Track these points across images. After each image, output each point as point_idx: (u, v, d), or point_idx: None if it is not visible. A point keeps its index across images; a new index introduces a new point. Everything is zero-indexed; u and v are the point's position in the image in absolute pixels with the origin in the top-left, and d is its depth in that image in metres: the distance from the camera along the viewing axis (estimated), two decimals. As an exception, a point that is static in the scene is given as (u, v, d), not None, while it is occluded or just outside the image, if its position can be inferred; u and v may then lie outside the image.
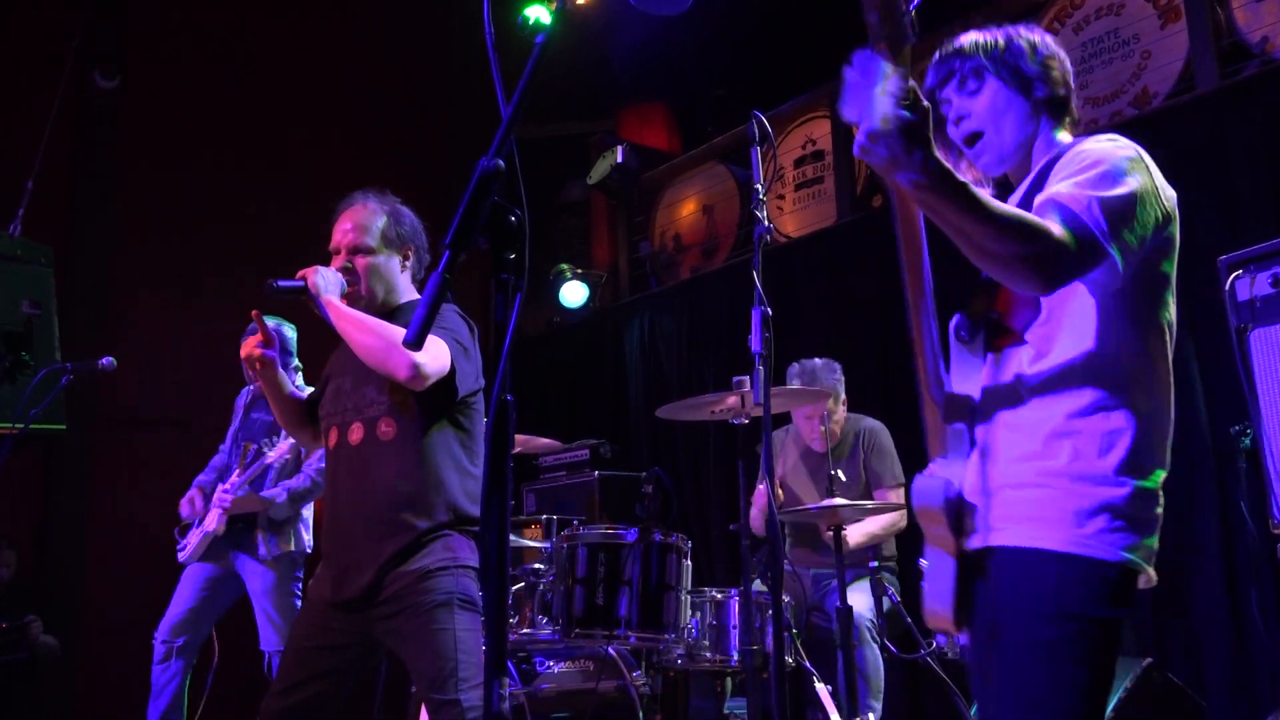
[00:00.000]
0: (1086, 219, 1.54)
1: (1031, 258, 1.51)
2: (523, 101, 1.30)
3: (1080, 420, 1.61)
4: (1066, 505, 1.58)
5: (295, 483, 4.30)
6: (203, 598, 4.27)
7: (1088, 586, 1.56)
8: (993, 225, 1.48)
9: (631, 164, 6.96)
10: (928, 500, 1.71)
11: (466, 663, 2.37)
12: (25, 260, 3.86)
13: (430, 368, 2.40)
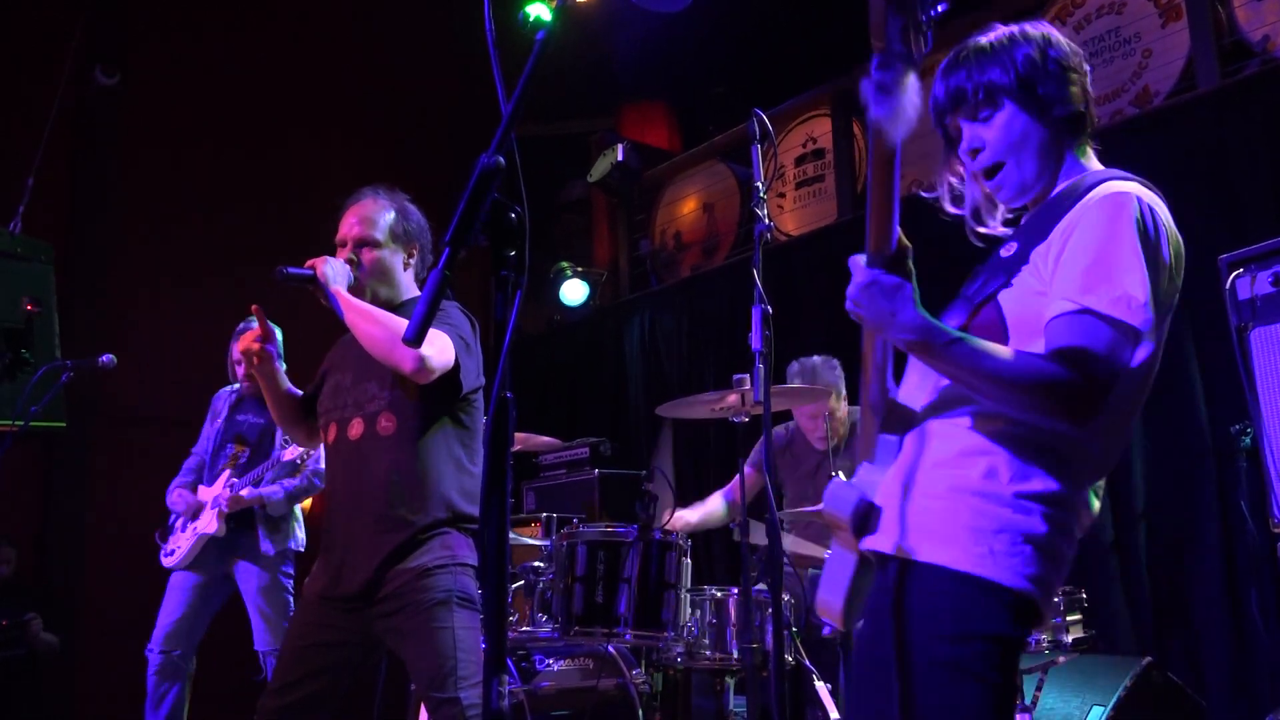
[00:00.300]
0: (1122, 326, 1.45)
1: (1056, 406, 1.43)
2: (523, 99, 1.30)
3: (1002, 441, 1.54)
4: (969, 523, 1.52)
5: (293, 481, 4.31)
6: (193, 605, 4.25)
7: (987, 608, 1.50)
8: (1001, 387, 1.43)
9: (632, 162, 6.96)
10: (837, 508, 1.69)
11: (466, 661, 2.36)
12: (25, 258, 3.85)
13: (435, 361, 2.40)
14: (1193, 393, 4.01)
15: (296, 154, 7.14)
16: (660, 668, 3.59)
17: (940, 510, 1.55)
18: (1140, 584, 4.10)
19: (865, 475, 1.71)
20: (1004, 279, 1.58)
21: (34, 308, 3.76)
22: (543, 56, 1.36)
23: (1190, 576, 3.99)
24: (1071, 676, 3.44)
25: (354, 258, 2.62)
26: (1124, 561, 4.15)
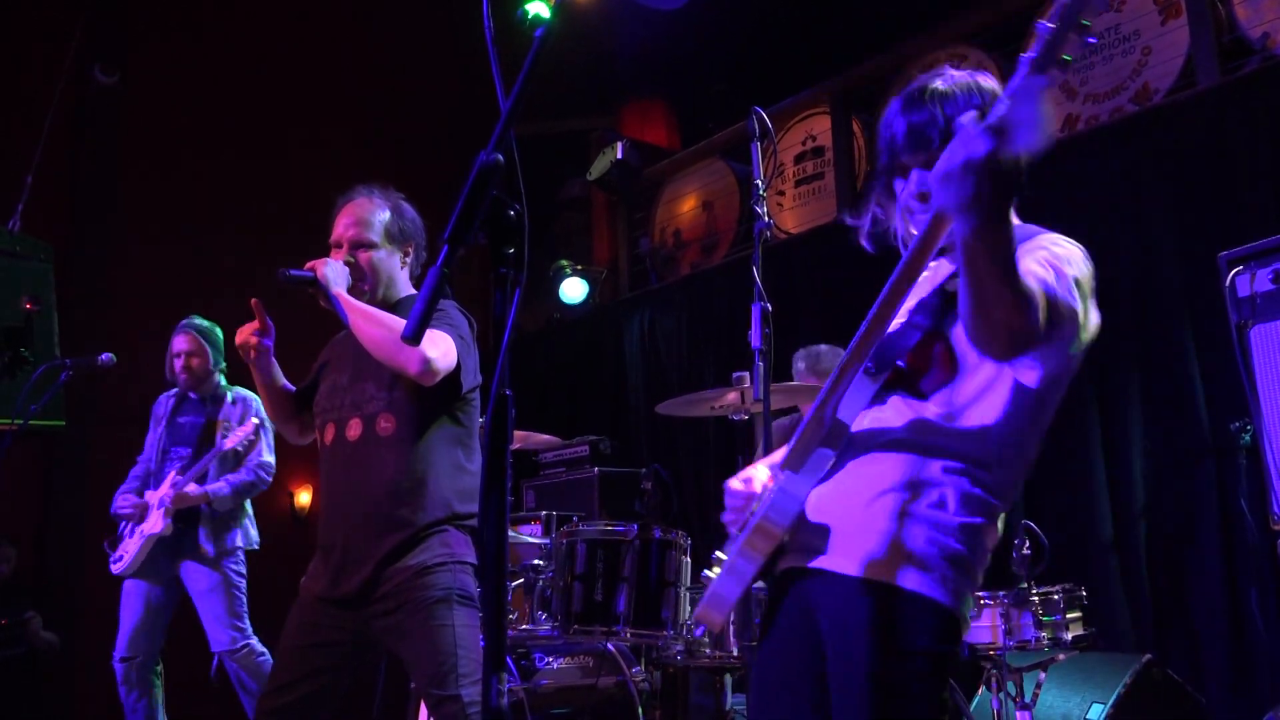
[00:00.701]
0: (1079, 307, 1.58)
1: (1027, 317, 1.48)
2: (522, 96, 1.29)
3: (952, 477, 1.65)
4: (922, 547, 1.62)
5: (238, 476, 4.27)
6: (148, 610, 4.24)
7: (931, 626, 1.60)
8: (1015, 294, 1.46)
9: (632, 160, 6.95)
10: (778, 519, 1.68)
11: (466, 658, 2.36)
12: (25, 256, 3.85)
13: (440, 363, 2.41)
14: (1192, 390, 4.01)
15: (296, 152, 7.14)
16: (660, 666, 3.60)
17: (892, 532, 1.63)
18: (1140, 581, 4.09)
19: (793, 486, 1.70)
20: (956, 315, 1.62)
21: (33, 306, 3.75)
22: (542, 54, 1.35)
23: (1190, 574, 3.99)
24: (1071, 674, 3.44)
25: (351, 259, 2.62)
26: (1124, 559, 4.15)
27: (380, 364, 2.51)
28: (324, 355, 2.81)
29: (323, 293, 2.50)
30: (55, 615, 5.65)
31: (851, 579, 1.63)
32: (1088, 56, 4.92)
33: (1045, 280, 1.57)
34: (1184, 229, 4.19)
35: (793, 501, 1.69)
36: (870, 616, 1.60)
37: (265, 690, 2.51)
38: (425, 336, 2.39)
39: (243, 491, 4.28)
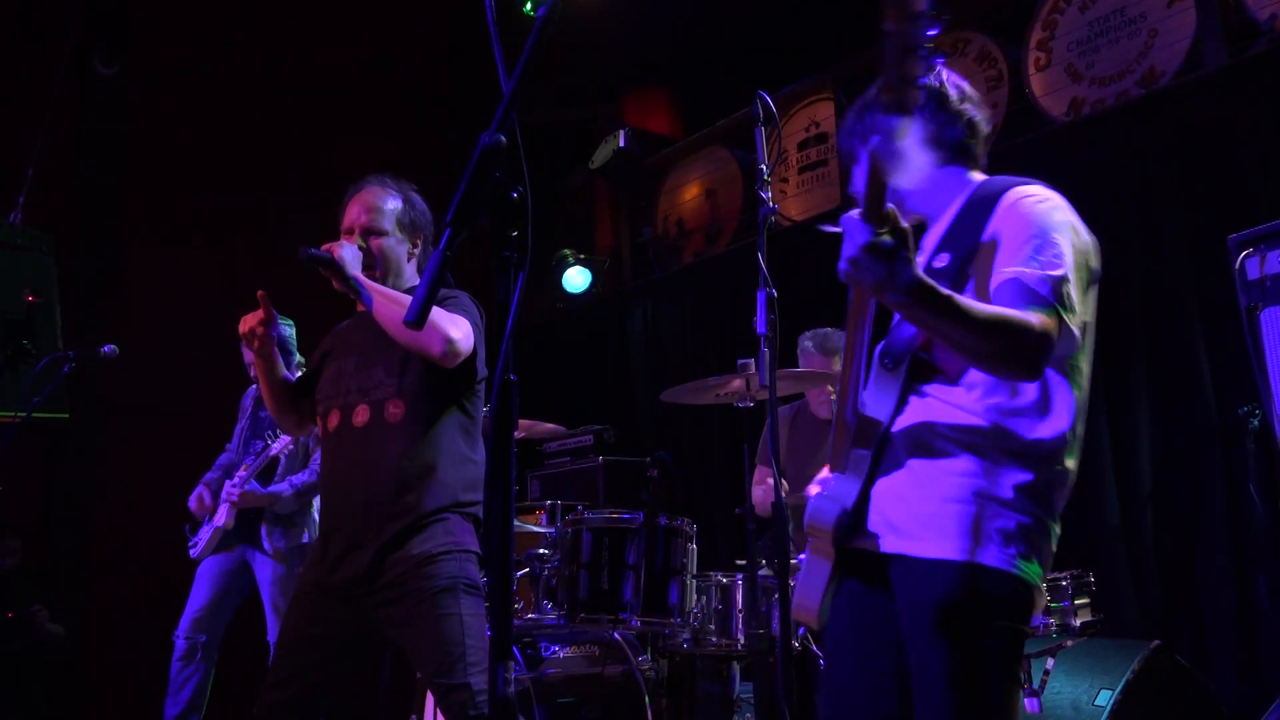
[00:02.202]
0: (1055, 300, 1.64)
1: (1013, 352, 1.61)
2: (524, 76, 1.28)
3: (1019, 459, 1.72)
4: (998, 526, 1.69)
5: (301, 477, 4.29)
6: (218, 591, 4.28)
7: (1008, 604, 1.69)
8: (978, 331, 1.58)
9: (634, 149, 6.92)
10: (822, 521, 1.81)
11: (474, 647, 2.36)
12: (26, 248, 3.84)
13: (462, 344, 2.43)
14: (1201, 374, 3.99)
15: (299, 139, 7.11)
16: (666, 654, 3.59)
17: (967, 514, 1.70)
18: (1148, 567, 4.08)
19: (837, 487, 1.83)
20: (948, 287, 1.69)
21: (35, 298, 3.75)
22: (544, 35, 1.33)
23: (1198, 560, 3.98)
24: (1079, 660, 3.43)
25: (363, 244, 2.61)
26: (1132, 545, 4.13)
27: (390, 350, 2.52)
28: (325, 344, 2.80)
29: (339, 274, 2.50)
30: (60, 608, 5.65)
31: (927, 560, 1.71)
32: (1093, 40, 4.89)
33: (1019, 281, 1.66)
34: (1192, 212, 4.16)
35: (832, 504, 1.80)
36: (947, 595, 1.68)
37: (267, 683, 2.50)
38: (446, 319, 2.44)
39: (306, 492, 4.28)
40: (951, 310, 1.56)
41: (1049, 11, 5.07)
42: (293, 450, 4.32)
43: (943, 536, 1.71)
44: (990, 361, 1.65)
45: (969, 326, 1.58)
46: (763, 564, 3.49)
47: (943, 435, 1.75)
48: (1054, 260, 1.68)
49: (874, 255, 1.51)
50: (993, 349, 1.62)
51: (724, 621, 3.36)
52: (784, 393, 3.93)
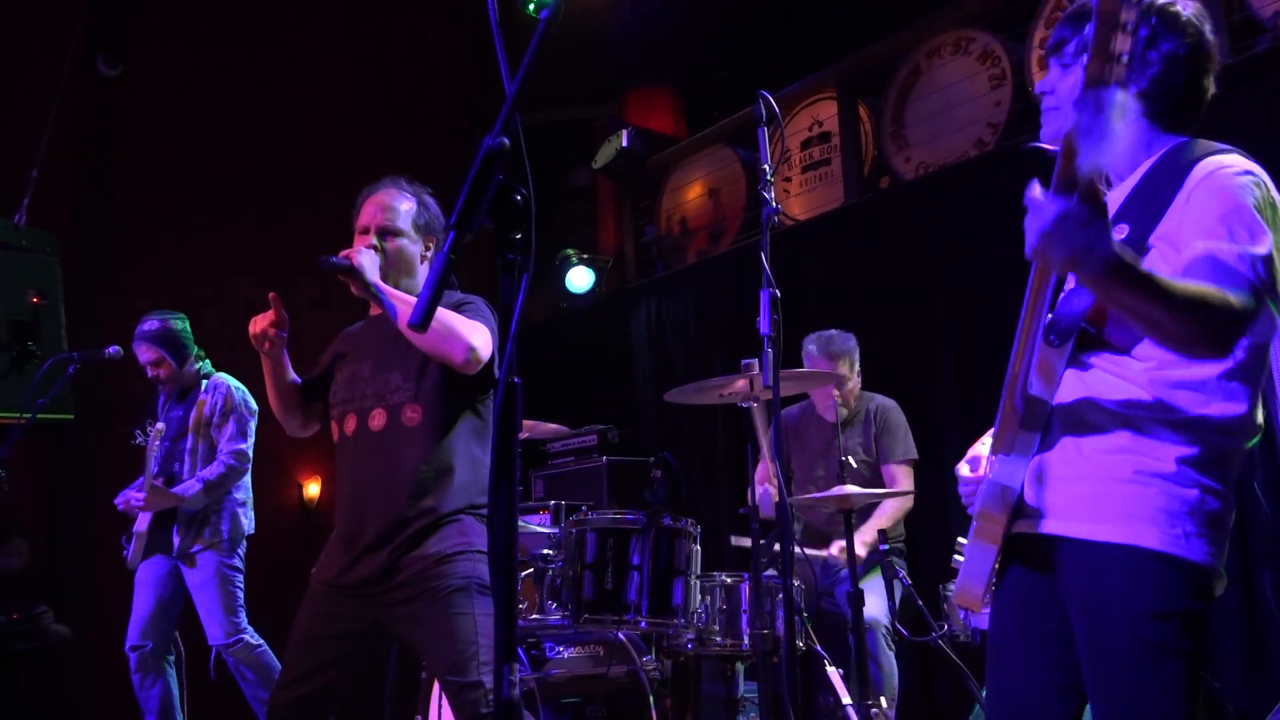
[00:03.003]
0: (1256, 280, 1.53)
1: (1210, 332, 1.51)
2: (527, 79, 1.28)
3: (1186, 432, 1.63)
4: (1163, 506, 1.61)
5: (210, 471, 4.23)
6: (157, 596, 4.23)
7: (1183, 585, 1.60)
8: (1176, 309, 1.48)
9: (637, 148, 6.92)
10: (994, 506, 1.75)
11: (487, 646, 2.37)
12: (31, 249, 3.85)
13: (483, 351, 2.46)
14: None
15: (301, 143, 7.13)
16: (671, 654, 3.59)
17: (1130, 495, 1.63)
18: (1152, 566, 4.07)
19: (1004, 469, 1.76)
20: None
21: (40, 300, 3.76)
22: (547, 37, 1.33)
23: (1203, 558, 3.97)
24: (1084, 659, 3.42)
25: (379, 244, 2.62)
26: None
27: (407, 355, 2.54)
28: (335, 347, 2.81)
29: (359, 280, 2.51)
30: (66, 609, 5.66)
31: (1094, 543, 1.64)
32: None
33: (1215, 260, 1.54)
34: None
35: (1007, 489, 1.74)
36: (1117, 579, 1.61)
37: (279, 683, 2.53)
38: (468, 327, 2.46)
39: (216, 485, 4.22)
40: (1151, 286, 1.46)
41: (1052, 9, 5.06)
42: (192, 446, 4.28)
43: (1102, 518, 1.64)
44: (1183, 341, 1.53)
45: (1168, 304, 1.47)
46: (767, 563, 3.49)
47: (1100, 409, 1.67)
48: (1253, 236, 1.56)
49: (1070, 226, 1.41)
50: (1189, 329, 1.50)
51: (728, 622, 3.36)
52: (788, 393, 3.93)
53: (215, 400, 4.35)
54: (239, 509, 4.34)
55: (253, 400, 4.40)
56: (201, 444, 4.31)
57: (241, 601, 4.27)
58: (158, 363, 4.35)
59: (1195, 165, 1.66)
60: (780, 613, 3.02)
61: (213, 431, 4.32)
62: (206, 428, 4.32)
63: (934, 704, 4.69)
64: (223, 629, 4.16)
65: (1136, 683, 1.60)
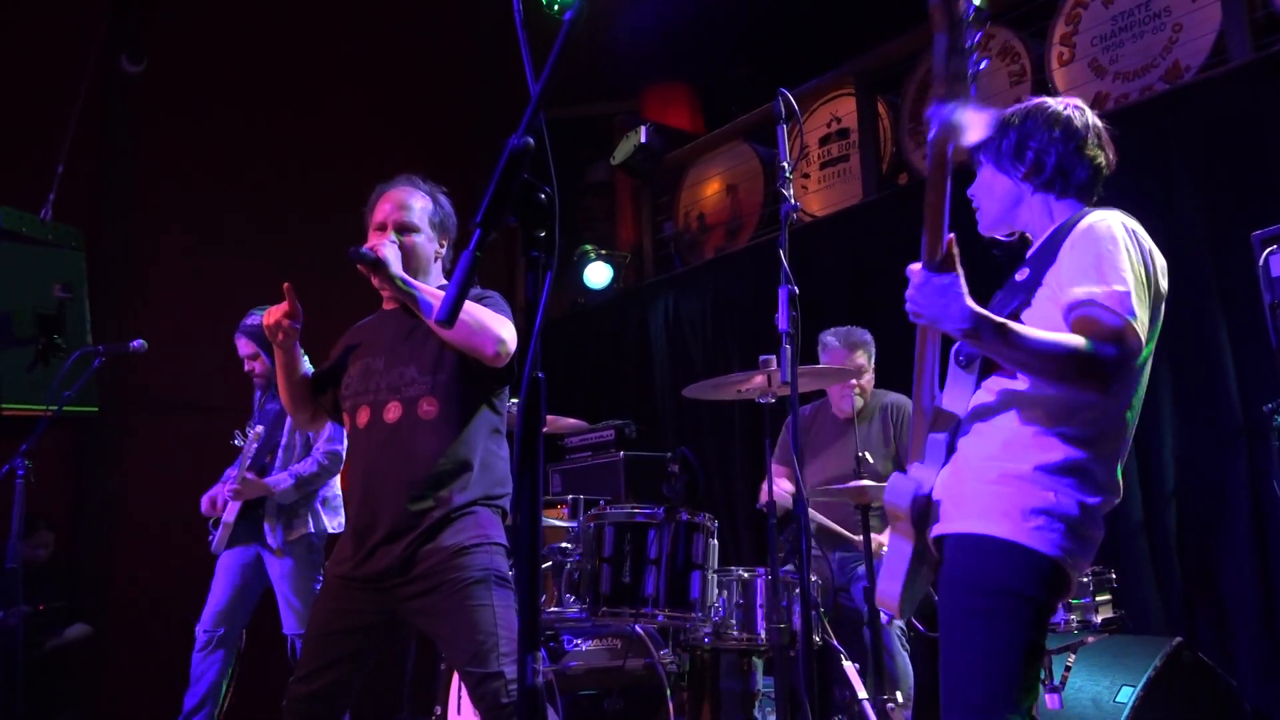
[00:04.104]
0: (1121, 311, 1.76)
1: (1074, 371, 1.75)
2: (551, 79, 1.30)
3: (1044, 438, 1.85)
4: (1017, 503, 1.82)
5: (302, 467, 4.27)
6: (237, 585, 4.29)
7: (1025, 570, 1.81)
8: (1033, 355, 1.75)
9: (655, 144, 6.93)
10: (897, 498, 1.98)
11: (507, 637, 2.40)
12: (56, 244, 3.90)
13: (511, 345, 2.50)
14: (1224, 371, 3.97)
15: (322, 136, 7.16)
16: (688, 648, 3.61)
17: (992, 494, 1.85)
18: (1170, 564, 4.07)
19: (917, 472, 1.98)
20: (1024, 298, 1.92)
21: (65, 293, 3.81)
22: (570, 38, 1.35)
23: (1221, 556, 3.96)
24: (1101, 656, 3.43)
25: (397, 241, 2.64)
26: (1154, 541, 4.12)
27: (423, 348, 2.56)
28: (347, 339, 2.83)
29: (383, 273, 2.54)
30: (87, 602, 5.72)
31: (958, 535, 1.88)
32: (1117, 34, 4.86)
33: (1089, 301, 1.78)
34: (1215, 208, 4.14)
35: (907, 484, 1.97)
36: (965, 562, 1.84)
37: (295, 676, 2.55)
38: (496, 320, 2.49)
39: (306, 482, 4.26)
40: (1008, 338, 1.73)
41: (1072, 6, 5.05)
42: (287, 441, 4.32)
43: (968, 514, 1.87)
44: (1055, 378, 1.80)
45: (1026, 351, 1.74)
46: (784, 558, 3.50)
47: (984, 423, 1.92)
48: (1116, 276, 1.79)
49: (930, 293, 1.70)
50: (1050, 370, 1.78)
51: (745, 616, 3.38)
52: (805, 389, 3.95)
53: None
54: (325, 508, 4.38)
55: None
56: (297, 439, 4.36)
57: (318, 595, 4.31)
58: (253, 357, 4.41)
59: (1078, 223, 1.93)
60: (797, 607, 3.04)
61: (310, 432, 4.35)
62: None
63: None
64: (299, 619, 4.22)
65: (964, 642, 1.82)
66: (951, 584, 1.87)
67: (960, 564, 1.86)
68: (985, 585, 1.81)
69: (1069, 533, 1.82)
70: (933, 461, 1.97)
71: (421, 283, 2.66)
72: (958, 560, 1.87)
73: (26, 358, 3.67)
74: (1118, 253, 1.83)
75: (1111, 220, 1.90)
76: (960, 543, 1.87)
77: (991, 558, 1.81)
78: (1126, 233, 1.88)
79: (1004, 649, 1.78)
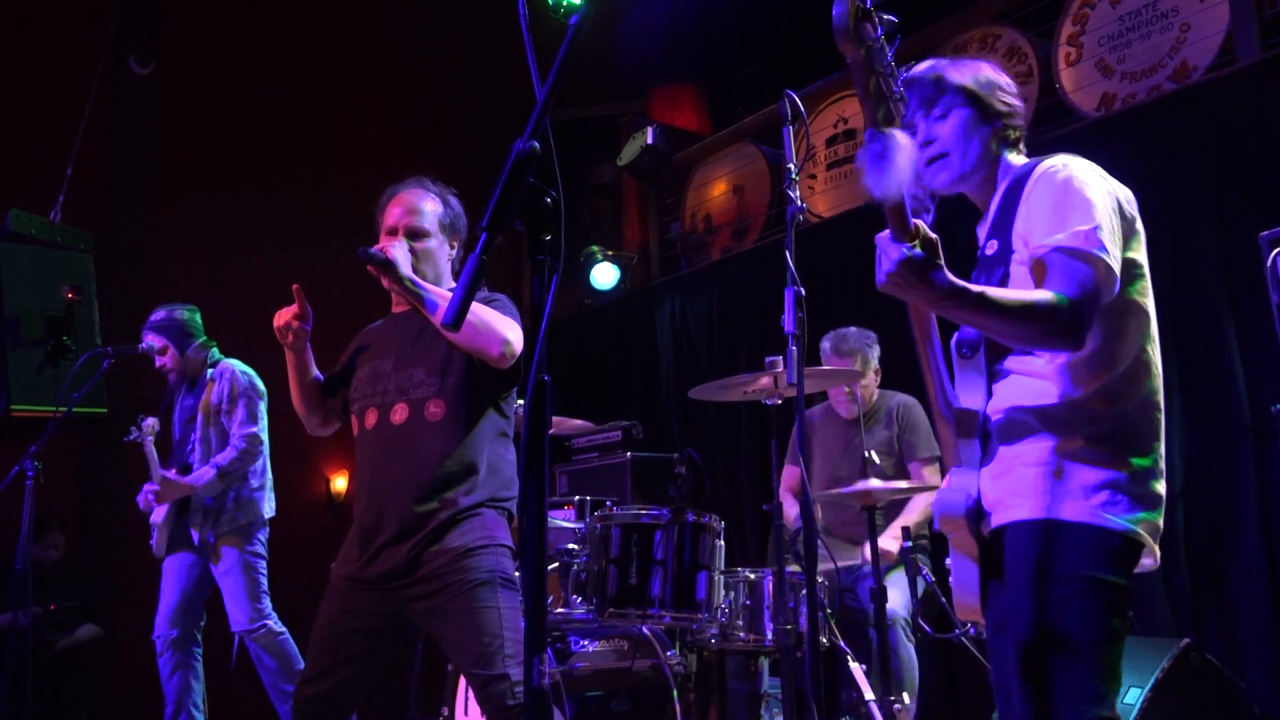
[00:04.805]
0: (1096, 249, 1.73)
1: (1049, 332, 1.72)
2: (557, 84, 1.30)
3: (1087, 408, 1.80)
4: (1074, 481, 1.77)
5: (223, 457, 4.24)
6: (183, 586, 4.28)
7: (1096, 552, 1.75)
8: (1008, 318, 1.71)
9: (662, 145, 6.93)
10: (951, 510, 1.92)
11: (512, 639, 2.41)
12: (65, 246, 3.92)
13: (516, 346, 2.51)
14: (1232, 371, 3.96)
15: (331, 140, 7.19)
16: (695, 649, 3.61)
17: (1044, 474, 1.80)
18: (1178, 565, 4.06)
19: (958, 479, 1.93)
20: (1003, 270, 1.89)
21: (74, 295, 3.82)
22: (576, 42, 1.36)
23: (1229, 557, 3.95)
24: (1108, 658, 3.41)
25: (408, 245, 2.65)
26: (1162, 542, 4.07)
27: (431, 351, 2.57)
28: (357, 342, 2.85)
29: (393, 274, 2.55)
30: (96, 602, 5.74)
31: (1020, 522, 1.81)
32: (1124, 34, 4.85)
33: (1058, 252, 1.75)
34: (1224, 209, 4.12)
35: (956, 494, 1.91)
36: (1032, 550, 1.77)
37: (302, 678, 2.57)
38: (502, 322, 2.50)
39: (229, 470, 4.23)
40: (984, 304, 1.68)
41: (1079, 6, 5.04)
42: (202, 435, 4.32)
43: (1021, 500, 1.81)
44: (1032, 343, 1.78)
45: (1001, 316, 1.70)
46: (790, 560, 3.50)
47: (1020, 411, 1.86)
48: (1076, 216, 1.76)
49: (907, 269, 1.62)
50: (1025, 333, 1.74)
51: (752, 617, 3.38)
52: (812, 390, 3.95)
53: (222, 386, 4.38)
54: (256, 494, 4.35)
55: (260, 383, 4.44)
56: (213, 431, 4.34)
57: (265, 588, 4.29)
58: (162, 350, 4.43)
59: (1029, 175, 1.90)
60: (804, 608, 3.04)
61: (223, 418, 4.34)
62: (216, 414, 4.35)
63: (957, 701, 4.69)
64: (246, 615, 4.19)
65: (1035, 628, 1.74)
66: (1018, 573, 1.79)
67: (1025, 552, 1.78)
68: (1056, 572, 1.74)
69: (1134, 501, 1.79)
70: (969, 465, 1.92)
71: (433, 286, 2.67)
72: (1022, 548, 1.79)
73: (36, 359, 3.68)
74: (1074, 193, 1.80)
75: (1060, 163, 1.88)
76: (1022, 530, 1.80)
77: (1058, 542, 1.75)
78: (1083, 170, 1.85)
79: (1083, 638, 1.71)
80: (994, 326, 1.75)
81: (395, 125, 7.49)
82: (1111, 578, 1.75)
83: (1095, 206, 1.78)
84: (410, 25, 7.73)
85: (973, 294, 1.68)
